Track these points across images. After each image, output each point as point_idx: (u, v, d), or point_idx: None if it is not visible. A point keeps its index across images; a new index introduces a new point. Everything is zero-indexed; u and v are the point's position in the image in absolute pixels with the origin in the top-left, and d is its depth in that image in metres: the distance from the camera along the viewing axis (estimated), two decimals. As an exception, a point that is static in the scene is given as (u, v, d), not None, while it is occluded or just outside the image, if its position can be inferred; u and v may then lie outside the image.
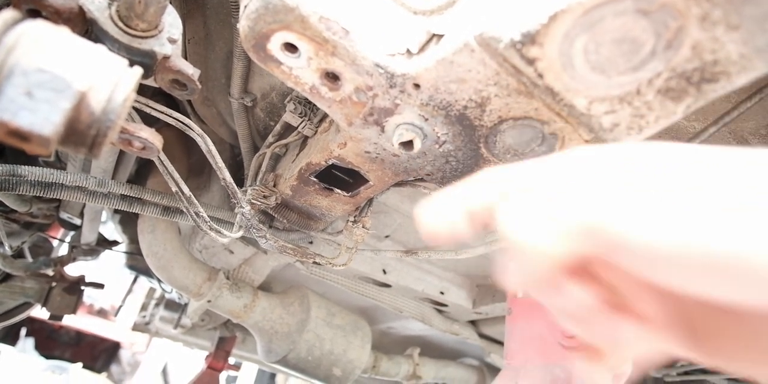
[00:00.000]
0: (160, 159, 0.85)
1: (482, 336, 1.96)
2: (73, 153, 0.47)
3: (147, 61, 0.69)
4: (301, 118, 0.95)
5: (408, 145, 0.65)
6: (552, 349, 0.70)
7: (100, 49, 0.47)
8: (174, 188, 0.87)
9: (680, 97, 0.45)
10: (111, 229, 2.23)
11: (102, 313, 8.10)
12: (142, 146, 0.61)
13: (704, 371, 1.83)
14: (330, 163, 0.82)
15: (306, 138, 0.98)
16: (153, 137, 0.60)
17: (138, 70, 0.49)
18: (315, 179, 0.90)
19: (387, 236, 1.49)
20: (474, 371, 2.20)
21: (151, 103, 0.84)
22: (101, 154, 0.46)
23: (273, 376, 9.86)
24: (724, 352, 0.30)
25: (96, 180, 1.05)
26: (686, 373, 1.86)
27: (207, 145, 0.84)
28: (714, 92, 0.43)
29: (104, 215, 2.04)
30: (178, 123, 0.85)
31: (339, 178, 0.92)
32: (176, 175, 0.85)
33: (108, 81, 0.45)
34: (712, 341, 0.31)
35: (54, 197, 1.22)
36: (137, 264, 2.28)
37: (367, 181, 0.84)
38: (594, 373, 0.69)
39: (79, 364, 7.46)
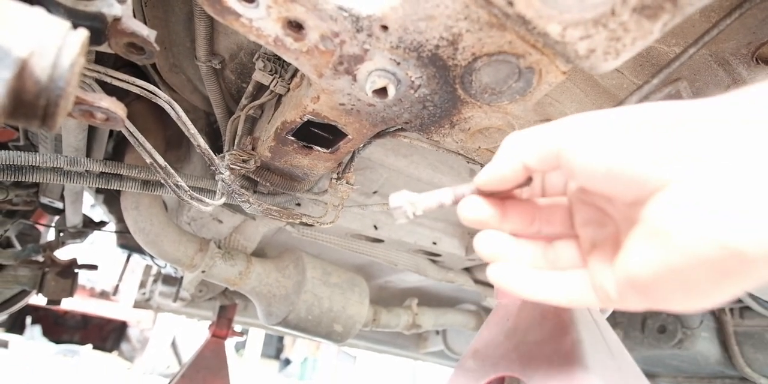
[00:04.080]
0: (129, 130, 0.81)
1: (477, 282, 2.00)
2: (25, 126, 0.45)
3: (97, 25, 0.64)
4: (272, 75, 0.91)
5: (382, 92, 0.62)
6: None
7: (38, 11, 0.44)
8: (148, 160, 0.85)
9: (656, 15, 0.43)
10: (101, 213, 2.21)
11: (104, 295, 8.17)
12: (105, 117, 0.58)
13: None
14: (306, 120, 0.80)
15: (280, 96, 0.95)
16: (115, 106, 0.57)
17: (83, 32, 0.45)
18: (293, 138, 0.88)
19: (375, 192, 1.49)
20: (472, 315, 2.27)
21: (111, 71, 0.80)
22: (56, 125, 0.44)
23: (281, 338, 10.16)
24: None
25: (68, 159, 1.02)
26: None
27: (176, 111, 0.81)
28: (691, 5, 0.41)
29: (92, 199, 2.01)
30: (143, 91, 0.81)
31: (317, 135, 0.89)
32: (148, 146, 0.82)
33: (50, 45, 0.42)
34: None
35: (30, 182, 1.18)
36: (128, 242, 2.26)
37: (345, 135, 0.82)
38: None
39: (89, 346, 7.62)
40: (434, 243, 1.67)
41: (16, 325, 7.70)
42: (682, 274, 0.34)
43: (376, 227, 1.56)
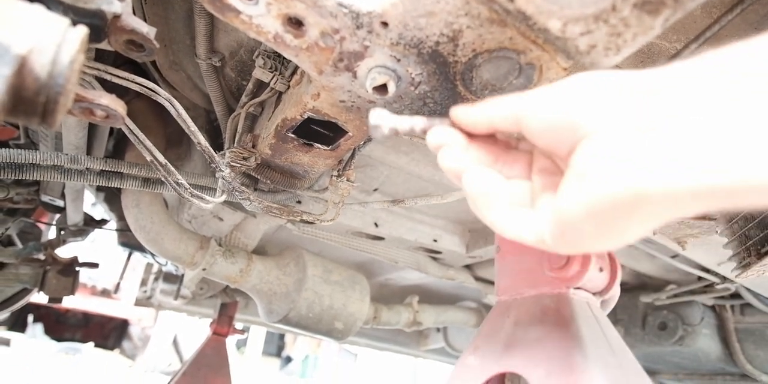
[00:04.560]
0: (129, 128, 0.81)
1: (478, 279, 2.01)
2: (25, 123, 0.45)
3: (96, 23, 0.64)
4: (272, 72, 0.91)
5: (382, 89, 0.62)
6: (540, 280, 0.71)
7: (37, 8, 0.44)
8: (148, 157, 0.85)
9: (658, 10, 0.42)
10: (102, 211, 2.21)
11: (105, 293, 8.20)
12: (105, 114, 0.58)
13: (692, 292, 1.90)
14: (306, 117, 0.79)
15: (280, 94, 0.95)
16: (114, 103, 0.57)
17: (82, 29, 0.45)
18: (293, 135, 0.88)
19: (375, 189, 1.49)
20: (472, 312, 2.27)
21: (111, 69, 0.79)
22: (56, 122, 0.44)
23: (282, 336, 10.17)
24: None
25: (68, 156, 1.02)
26: (675, 296, 1.93)
27: (176, 108, 0.81)
28: (692, 1, 0.41)
29: (93, 197, 2.01)
30: (143, 88, 0.81)
31: (317, 132, 0.89)
32: (148, 143, 0.82)
33: (50, 42, 0.42)
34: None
35: (30, 179, 1.18)
36: (129, 240, 2.27)
37: (345, 132, 0.82)
38: (582, 300, 0.71)
39: (91, 344, 7.65)
40: (435, 240, 1.67)
41: (17, 324, 7.72)
42: (593, 212, 0.38)
43: (376, 225, 1.56)
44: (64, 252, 1.96)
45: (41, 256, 1.89)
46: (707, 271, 1.62)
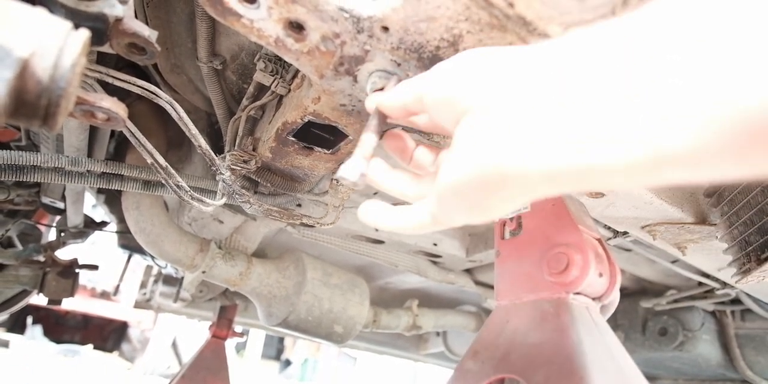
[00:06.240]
0: (129, 130, 0.82)
1: (478, 283, 2.00)
2: (27, 126, 0.45)
3: (98, 26, 0.64)
4: (273, 76, 0.91)
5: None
6: (540, 285, 0.71)
7: (39, 11, 0.44)
8: (149, 160, 0.85)
9: (657, 16, 0.43)
10: (102, 213, 2.21)
11: (105, 295, 8.19)
12: (106, 117, 0.58)
13: (692, 298, 1.89)
14: (306, 121, 0.80)
15: (281, 97, 0.95)
16: (116, 106, 0.57)
17: (84, 32, 0.45)
18: (293, 139, 0.88)
19: (375, 193, 1.49)
20: (472, 317, 2.27)
21: (112, 71, 0.80)
22: (58, 125, 0.44)
23: (281, 339, 10.15)
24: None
25: (69, 159, 1.02)
26: (675, 301, 1.93)
27: (177, 111, 0.81)
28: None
29: (93, 199, 2.01)
30: (143, 91, 0.81)
31: (318, 135, 0.89)
32: (149, 146, 0.82)
33: (52, 45, 0.42)
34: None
35: (31, 181, 1.19)
36: (129, 243, 2.27)
37: (346, 135, 0.82)
38: (581, 305, 0.71)
39: (90, 346, 7.64)
40: (435, 244, 1.67)
41: (17, 325, 7.71)
42: (458, 190, 0.40)
43: (376, 228, 1.56)
44: (64, 254, 1.96)
45: (41, 258, 1.89)
46: (707, 276, 1.61)
